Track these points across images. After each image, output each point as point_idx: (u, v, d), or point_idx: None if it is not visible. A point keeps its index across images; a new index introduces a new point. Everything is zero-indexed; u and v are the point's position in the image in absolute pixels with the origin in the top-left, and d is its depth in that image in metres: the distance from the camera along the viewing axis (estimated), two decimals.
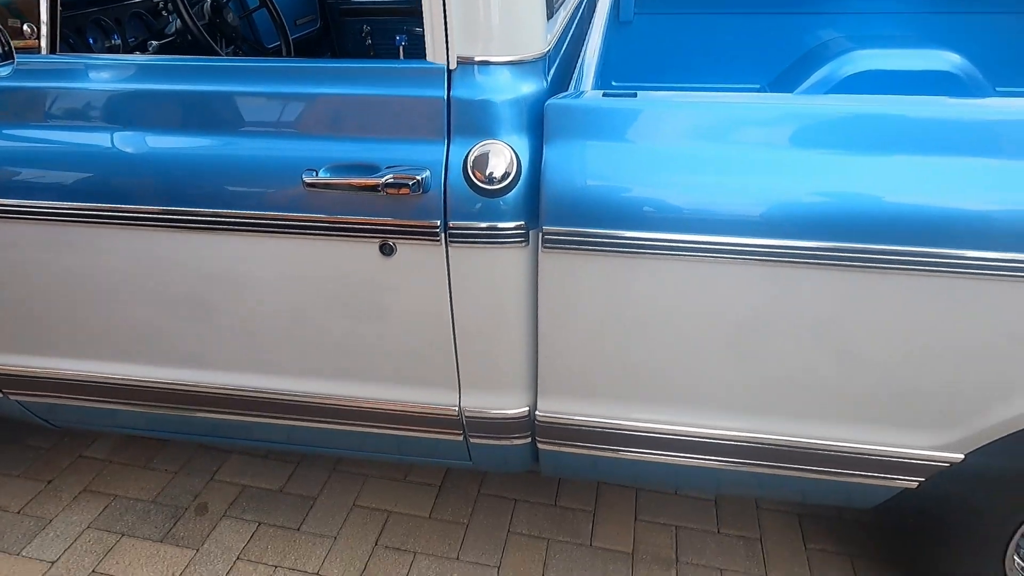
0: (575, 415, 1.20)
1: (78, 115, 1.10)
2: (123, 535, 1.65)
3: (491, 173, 1.00)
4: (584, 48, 1.38)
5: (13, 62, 1.11)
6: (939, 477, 1.12)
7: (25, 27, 1.14)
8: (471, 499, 1.75)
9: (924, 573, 1.33)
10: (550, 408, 1.20)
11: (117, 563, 1.57)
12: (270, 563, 1.58)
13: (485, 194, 1.01)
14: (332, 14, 2.99)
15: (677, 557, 1.58)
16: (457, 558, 1.59)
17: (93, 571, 1.55)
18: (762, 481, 1.24)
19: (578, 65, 1.26)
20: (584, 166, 0.97)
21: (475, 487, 1.78)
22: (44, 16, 1.14)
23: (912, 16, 2.37)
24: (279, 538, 1.64)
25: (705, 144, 0.96)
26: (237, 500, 1.75)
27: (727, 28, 2.40)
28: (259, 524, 1.68)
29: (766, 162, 0.94)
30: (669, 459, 1.22)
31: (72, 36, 1.57)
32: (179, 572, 1.55)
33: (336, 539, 1.64)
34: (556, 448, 1.26)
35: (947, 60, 2.07)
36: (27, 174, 1.14)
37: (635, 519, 1.68)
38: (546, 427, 1.22)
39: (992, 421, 1.03)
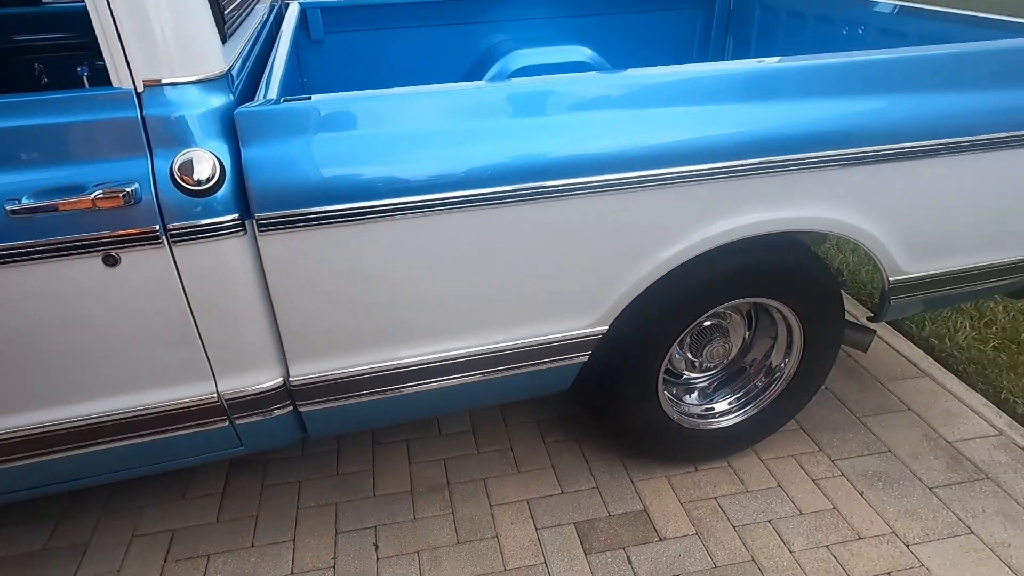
0: (323, 372, 1.40)
1: None
2: None
3: (198, 177, 1.16)
4: (271, 65, 1.57)
5: None
6: (598, 348, 1.56)
7: None
8: (256, 494, 1.85)
9: (619, 427, 1.80)
10: (300, 372, 1.39)
11: None
12: None
13: (196, 195, 1.16)
14: None
15: (448, 481, 1.88)
16: (252, 546, 1.69)
17: None
18: (491, 386, 1.56)
19: (265, 78, 1.46)
20: (277, 158, 1.18)
21: (258, 483, 1.88)
22: None
23: (555, 20, 3.00)
24: None
25: (367, 129, 1.23)
26: None
27: (414, 39, 2.78)
28: None
29: (413, 136, 1.25)
30: (413, 389, 1.49)
31: None
32: None
33: (119, 571, 1.63)
34: (315, 407, 1.46)
35: (583, 53, 2.71)
36: None
37: (409, 463, 1.94)
38: (301, 390, 1.41)
39: (614, 298, 1.48)
